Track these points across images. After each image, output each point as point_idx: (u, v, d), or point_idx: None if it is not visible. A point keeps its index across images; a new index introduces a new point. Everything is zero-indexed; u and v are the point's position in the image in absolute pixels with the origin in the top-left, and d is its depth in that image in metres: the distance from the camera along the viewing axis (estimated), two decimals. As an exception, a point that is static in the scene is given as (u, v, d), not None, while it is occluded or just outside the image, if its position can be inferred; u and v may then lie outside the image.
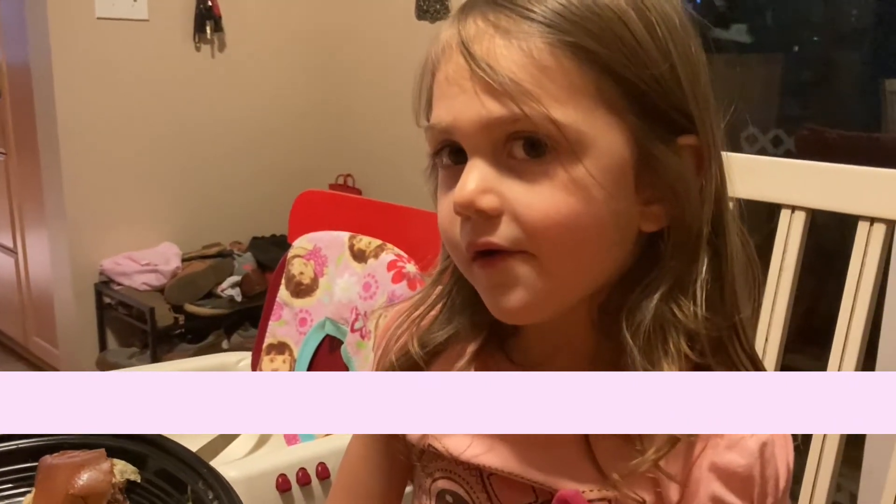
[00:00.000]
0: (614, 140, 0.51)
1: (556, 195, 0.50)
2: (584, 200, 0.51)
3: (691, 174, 0.54)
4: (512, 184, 0.51)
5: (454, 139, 0.53)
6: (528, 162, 0.51)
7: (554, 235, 0.51)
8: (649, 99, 0.52)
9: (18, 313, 2.90)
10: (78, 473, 0.70)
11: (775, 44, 2.30)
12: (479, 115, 0.51)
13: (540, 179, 0.51)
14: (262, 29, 2.70)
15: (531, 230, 0.51)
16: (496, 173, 0.52)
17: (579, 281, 0.54)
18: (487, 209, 0.51)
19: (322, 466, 1.22)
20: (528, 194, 0.51)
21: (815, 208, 0.92)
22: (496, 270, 0.52)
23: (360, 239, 1.44)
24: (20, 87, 2.57)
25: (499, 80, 0.50)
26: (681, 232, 0.54)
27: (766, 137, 2.16)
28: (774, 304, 0.96)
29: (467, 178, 0.52)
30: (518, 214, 0.51)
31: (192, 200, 2.64)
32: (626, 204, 0.53)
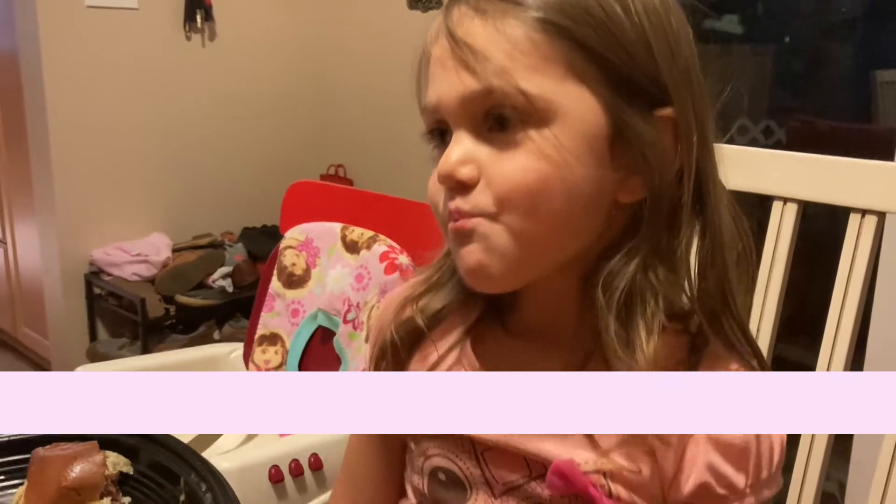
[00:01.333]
0: (586, 110, 0.54)
1: (525, 161, 0.53)
2: (553, 166, 0.53)
3: (668, 145, 0.55)
4: (489, 153, 0.54)
5: (441, 117, 0.57)
6: (502, 133, 0.54)
7: (521, 199, 0.53)
8: (622, 71, 0.54)
9: (8, 304, 2.89)
10: (70, 465, 0.69)
11: (767, 34, 2.30)
12: (458, 91, 0.54)
13: (512, 148, 0.54)
14: (253, 18, 2.68)
15: (501, 194, 0.54)
16: (477, 144, 0.55)
17: (549, 246, 0.56)
18: (465, 179, 0.54)
19: (315, 457, 1.23)
20: (501, 161, 0.54)
21: (807, 200, 0.92)
22: (463, 231, 0.55)
23: (353, 230, 1.43)
24: (9, 76, 2.55)
25: (473, 57, 0.53)
26: (658, 202, 0.55)
27: (758, 128, 2.16)
28: (766, 295, 0.96)
29: (451, 151, 0.55)
30: (491, 181, 0.54)
31: (182, 191, 2.63)
32: (600, 172, 0.54)
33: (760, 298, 0.96)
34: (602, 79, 0.53)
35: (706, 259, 0.57)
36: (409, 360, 0.66)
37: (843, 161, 0.89)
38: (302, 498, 1.22)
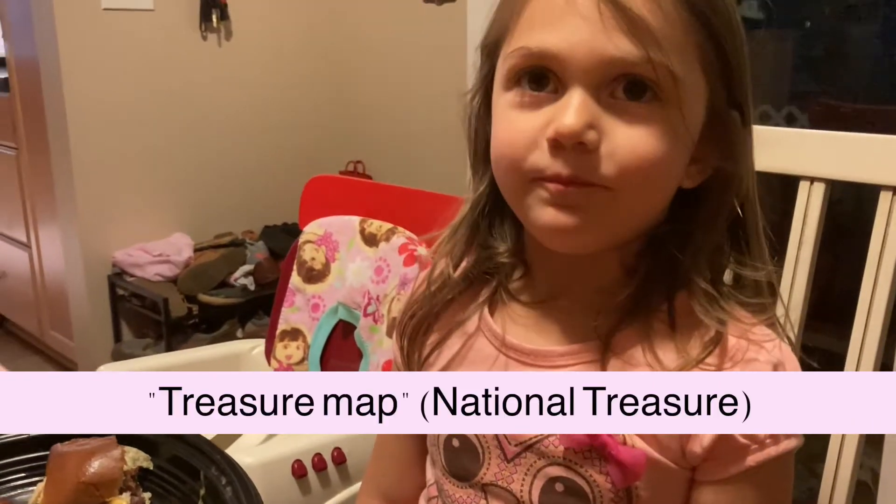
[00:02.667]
0: (699, 97, 0.55)
1: (653, 138, 0.53)
2: (674, 147, 0.53)
3: (748, 139, 0.58)
4: (613, 121, 0.53)
5: (553, 66, 0.53)
6: (632, 104, 0.53)
7: (642, 175, 0.53)
8: (731, 69, 0.55)
9: (34, 307, 2.91)
10: (88, 461, 0.69)
11: (787, 19, 2.26)
12: (602, 50, 0.52)
13: (641, 121, 0.52)
14: (269, 16, 2.68)
15: (625, 169, 0.52)
16: (598, 108, 0.53)
17: (635, 218, 0.56)
18: (590, 143, 0.52)
19: (338, 451, 1.22)
20: (630, 134, 0.53)
21: (835, 179, 0.90)
22: (572, 193, 0.53)
23: (371, 223, 1.42)
24: (29, 82, 2.56)
25: (631, 20, 0.51)
26: (727, 186, 0.57)
27: (780, 114, 2.13)
28: (794, 279, 0.93)
29: (570, 109, 0.52)
30: (616, 151, 0.52)
31: (203, 190, 2.63)
32: (688, 157, 0.56)
33: (788, 283, 0.93)
34: (718, 73, 0.55)
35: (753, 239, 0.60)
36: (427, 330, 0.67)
37: (872, 137, 0.87)
38: (325, 492, 1.21)
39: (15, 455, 0.76)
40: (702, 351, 0.55)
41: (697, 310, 0.56)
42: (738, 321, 0.57)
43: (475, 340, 0.64)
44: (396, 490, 0.73)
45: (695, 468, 0.57)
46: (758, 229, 0.60)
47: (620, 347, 0.57)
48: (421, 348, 0.67)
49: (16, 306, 3.08)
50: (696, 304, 0.57)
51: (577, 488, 0.58)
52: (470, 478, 0.63)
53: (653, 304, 0.57)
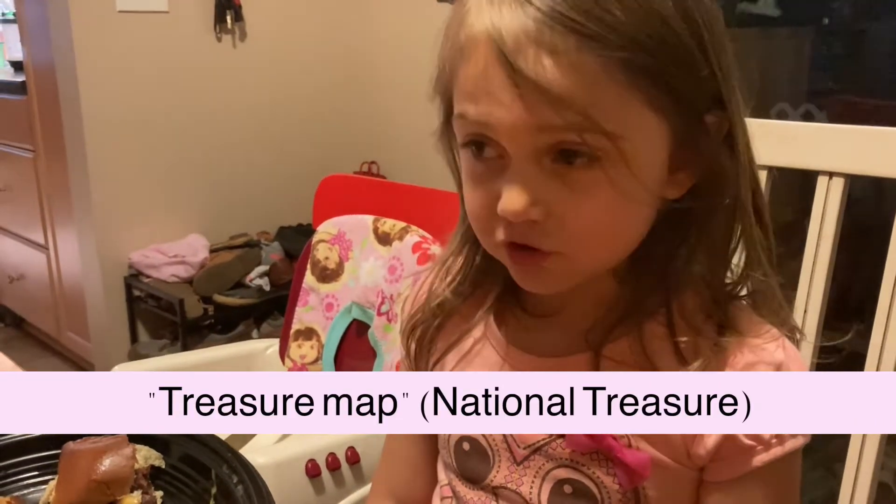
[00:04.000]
0: (659, 138, 0.53)
1: (603, 203, 0.52)
2: (628, 203, 0.52)
3: (722, 146, 0.55)
4: (558, 189, 0.52)
5: (492, 138, 0.52)
6: (573, 169, 0.51)
7: (599, 240, 0.53)
8: (690, 94, 0.52)
9: (51, 308, 2.93)
10: (100, 459, 0.69)
11: (804, 16, 2.24)
12: (525, 122, 0.50)
13: (587, 188, 0.51)
14: (283, 17, 2.68)
15: (576, 237, 0.53)
16: (541, 178, 0.52)
17: (610, 264, 0.57)
18: (537, 220, 0.52)
19: (352, 451, 1.21)
20: (576, 203, 0.52)
21: (854, 174, 0.88)
22: (529, 266, 0.55)
23: (385, 222, 1.42)
24: (46, 84, 2.58)
25: (549, 91, 0.48)
26: (712, 192, 0.55)
27: (797, 112, 2.11)
28: (812, 276, 0.92)
29: (514, 189, 0.52)
30: (565, 223, 0.52)
31: (218, 192, 2.64)
32: (660, 185, 0.54)
33: (806, 281, 0.92)
34: (674, 105, 0.52)
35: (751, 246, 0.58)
36: (435, 336, 0.67)
37: (891, 131, 0.85)
38: (339, 492, 1.21)
39: (27, 453, 0.76)
40: (699, 356, 0.55)
41: (695, 315, 0.56)
42: (739, 325, 0.57)
43: (482, 347, 0.64)
44: (407, 491, 0.73)
45: (702, 469, 0.57)
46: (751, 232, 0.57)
47: (618, 356, 0.57)
48: (429, 354, 0.67)
49: (33, 308, 3.11)
50: (695, 309, 0.57)
51: (586, 490, 0.58)
52: (480, 480, 0.63)
53: (648, 310, 0.57)
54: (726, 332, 0.56)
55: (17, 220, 3.04)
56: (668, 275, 0.57)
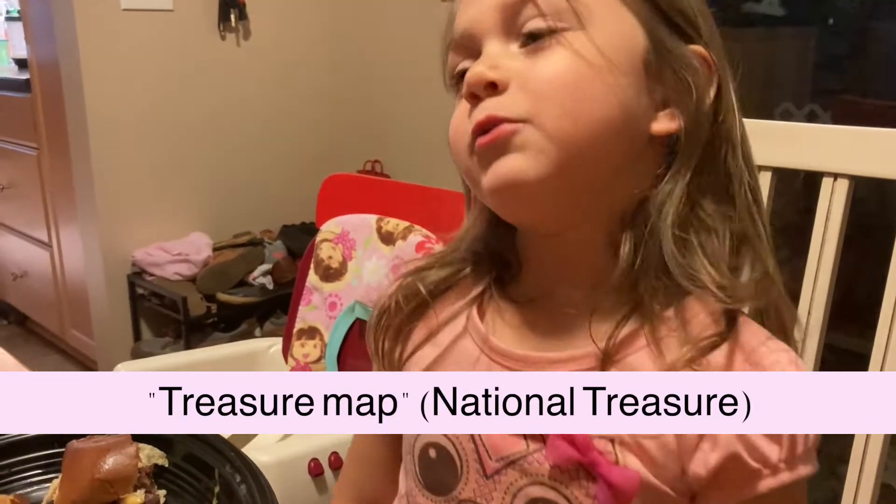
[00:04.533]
0: (625, 24, 0.53)
1: (562, 61, 0.52)
2: (590, 67, 0.51)
3: (705, 78, 0.54)
4: (522, 59, 0.53)
5: (470, 45, 0.55)
6: (538, 41, 0.52)
7: (560, 97, 0.51)
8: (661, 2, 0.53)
9: (54, 306, 2.94)
10: (103, 458, 0.69)
11: (809, 16, 2.23)
12: (495, 3, 0.53)
13: (548, 52, 0.52)
14: (287, 16, 2.68)
15: (538, 93, 0.51)
16: (508, 52, 0.53)
17: (585, 159, 0.52)
18: (496, 79, 0.52)
19: (354, 451, 1.21)
20: (536, 63, 0.52)
21: (859, 175, 0.88)
22: (497, 139, 0.52)
23: (388, 221, 1.42)
24: (50, 82, 2.59)
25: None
26: (696, 130, 0.54)
27: (802, 112, 2.11)
28: (817, 278, 0.92)
29: (479, 60, 0.54)
30: (525, 83, 0.52)
31: (221, 190, 2.64)
32: (636, 91, 0.52)
33: (810, 282, 0.92)
34: (643, 4, 0.53)
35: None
36: (410, 328, 0.63)
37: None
38: (342, 492, 1.20)
39: (30, 452, 0.77)
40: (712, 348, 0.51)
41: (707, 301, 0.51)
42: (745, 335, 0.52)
43: (461, 341, 0.60)
44: (374, 494, 0.70)
45: (694, 497, 0.52)
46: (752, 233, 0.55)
47: (620, 353, 0.53)
48: (403, 347, 0.63)
49: (37, 305, 3.11)
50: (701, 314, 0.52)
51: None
52: (445, 492, 0.59)
53: (655, 300, 0.52)
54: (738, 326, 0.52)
55: (20, 217, 3.05)
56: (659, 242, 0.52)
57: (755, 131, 0.95)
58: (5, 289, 3.31)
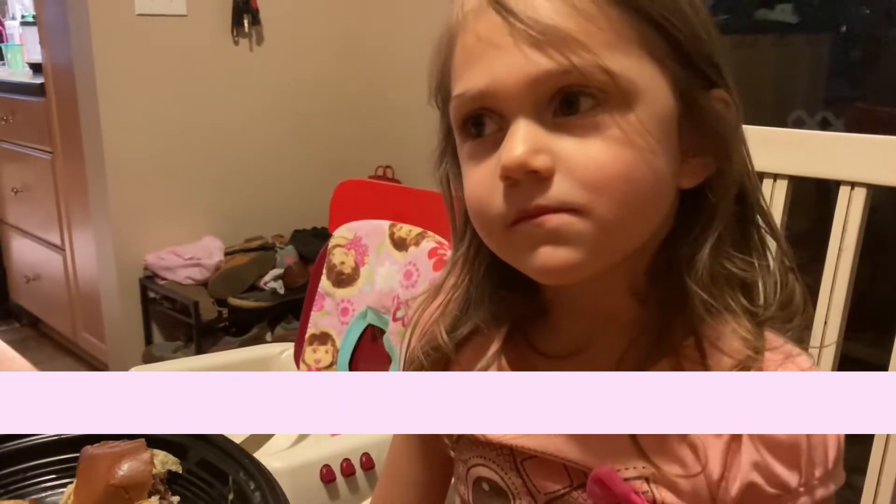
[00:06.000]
0: (660, 88, 0.50)
1: (611, 147, 0.48)
2: (638, 151, 0.49)
3: (731, 124, 0.53)
4: (562, 141, 0.49)
5: (490, 104, 0.51)
6: (577, 117, 0.49)
7: (613, 189, 0.48)
8: (687, 49, 0.51)
9: (67, 309, 2.95)
10: (118, 464, 0.69)
11: (822, 23, 2.22)
12: (526, 72, 0.48)
13: (592, 133, 0.49)
14: (300, 21, 2.69)
15: (590, 185, 0.48)
16: (543, 132, 0.49)
17: (629, 236, 0.52)
18: (541, 169, 0.48)
19: (366, 457, 1.21)
20: (583, 149, 0.48)
21: (877, 184, 0.87)
22: (547, 227, 0.49)
23: (401, 227, 1.42)
24: (64, 86, 2.60)
25: (545, 32, 0.47)
26: (726, 183, 0.53)
27: (814, 119, 2.10)
28: (833, 287, 0.91)
29: (514, 140, 0.49)
30: (573, 170, 0.48)
31: (233, 194, 2.65)
32: (672, 155, 0.51)
33: (827, 291, 0.91)
34: (672, 56, 0.50)
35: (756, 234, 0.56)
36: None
37: (916, 141, 0.84)
38: (354, 498, 1.20)
39: (45, 456, 0.77)
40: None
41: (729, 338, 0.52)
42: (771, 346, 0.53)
43: None
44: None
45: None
46: (761, 231, 0.56)
47: None
48: None
49: (49, 308, 3.13)
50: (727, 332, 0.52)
51: None
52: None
53: (677, 339, 0.53)
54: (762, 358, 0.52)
55: (34, 220, 3.06)
56: (691, 293, 0.52)
57: (772, 139, 0.95)
58: (18, 291, 3.33)
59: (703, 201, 0.53)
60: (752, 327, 0.52)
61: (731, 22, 2.30)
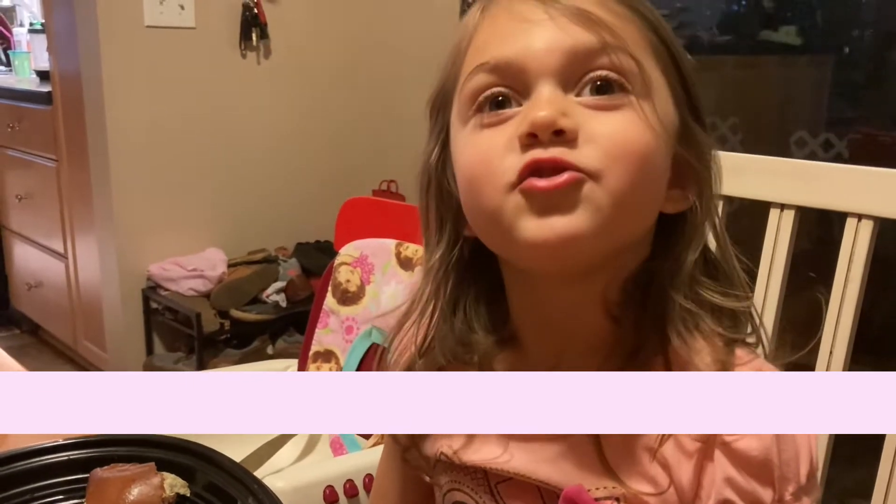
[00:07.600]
0: (667, 98, 0.53)
1: (635, 125, 0.51)
2: (655, 137, 0.51)
3: (714, 164, 0.56)
4: (587, 113, 0.51)
5: (513, 77, 0.52)
6: (601, 98, 0.51)
7: (630, 163, 0.50)
8: (685, 72, 0.55)
9: (68, 317, 2.95)
10: (129, 487, 0.69)
11: (825, 45, 2.24)
12: (562, 42, 0.51)
13: (616, 110, 0.51)
14: (307, 36, 2.70)
15: (610, 154, 0.49)
16: (569, 101, 0.51)
17: (631, 218, 0.52)
18: (568, 129, 0.49)
19: (369, 478, 1.21)
20: (607, 121, 0.50)
21: (885, 217, 0.88)
22: (562, 187, 0.49)
23: (407, 246, 1.42)
24: (71, 95, 2.61)
25: (580, 14, 0.51)
26: (701, 213, 0.55)
27: (817, 141, 2.11)
28: (839, 317, 0.92)
29: (541, 101, 0.50)
30: (596, 138, 0.50)
31: (237, 207, 2.66)
32: (667, 167, 0.54)
33: (833, 321, 0.92)
34: (676, 76, 0.54)
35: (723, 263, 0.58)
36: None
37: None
38: (356, 519, 1.20)
39: (53, 477, 0.76)
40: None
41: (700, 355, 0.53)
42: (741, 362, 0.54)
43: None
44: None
45: None
46: (731, 257, 0.58)
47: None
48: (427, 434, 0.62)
49: (51, 316, 3.13)
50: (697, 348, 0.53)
51: None
52: None
53: (647, 358, 0.53)
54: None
55: (37, 227, 3.07)
56: (663, 310, 0.53)
57: (780, 170, 0.96)
58: (19, 298, 3.33)
59: (681, 226, 0.56)
60: (721, 346, 0.54)
61: (735, 43, 2.32)
